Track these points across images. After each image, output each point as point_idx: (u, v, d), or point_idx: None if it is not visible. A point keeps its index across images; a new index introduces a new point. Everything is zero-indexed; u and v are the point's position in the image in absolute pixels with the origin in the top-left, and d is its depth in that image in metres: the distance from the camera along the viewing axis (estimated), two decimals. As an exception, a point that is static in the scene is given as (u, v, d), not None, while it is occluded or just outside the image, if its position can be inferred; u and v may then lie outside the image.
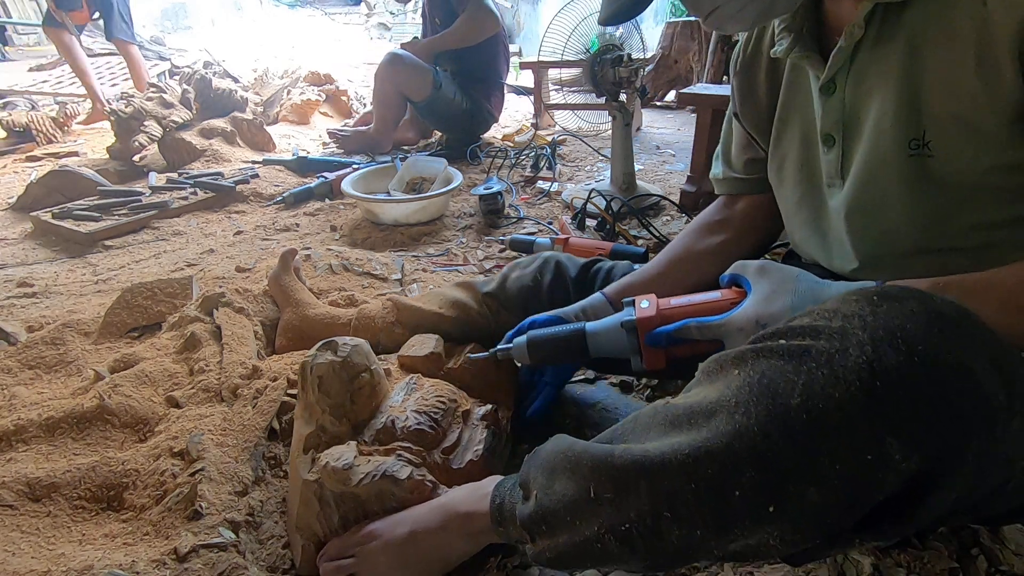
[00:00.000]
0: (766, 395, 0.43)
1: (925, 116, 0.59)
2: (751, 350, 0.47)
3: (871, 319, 0.43)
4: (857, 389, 0.40)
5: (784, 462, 0.42)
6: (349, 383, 0.75)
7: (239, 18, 7.20)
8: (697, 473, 0.44)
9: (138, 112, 2.44)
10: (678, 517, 0.45)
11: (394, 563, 0.65)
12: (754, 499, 0.43)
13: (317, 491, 0.69)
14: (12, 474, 0.80)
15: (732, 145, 0.89)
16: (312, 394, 0.75)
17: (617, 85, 1.87)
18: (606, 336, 0.73)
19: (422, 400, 0.80)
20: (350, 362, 0.76)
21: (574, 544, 0.52)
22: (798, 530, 0.43)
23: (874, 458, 0.40)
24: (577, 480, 0.52)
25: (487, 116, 2.67)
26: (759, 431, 0.42)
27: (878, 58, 0.62)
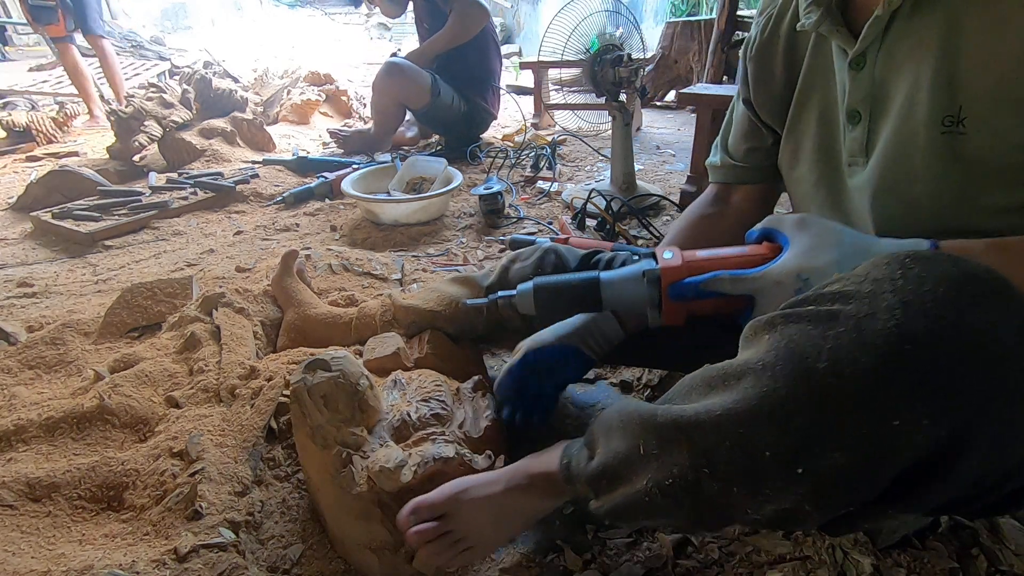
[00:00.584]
0: (793, 359, 0.44)
1: (963, 92, 0.57)
2: (781, 315, 0.47)
3: (901, 283, 0.43)
4: (884, 354, 0.41)
5: (810, 425, 0.42)
6: (354, 394, 0.75)
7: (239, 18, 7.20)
8: (729, 432, 0.46)
9: (138, 112, 2.44)
10: (715, 473, 0.47)
11: (490, 517, 0.67)
12: (782, 460, 0.44)
13: (374, 499, 0.70)
14: (12, 474, 0.80)
15: (733, 133, 0.87)
16: (319, 416, 0.74)
17: (617, 85, 1.87)
18: (623, 286, 0.67)
19: (421, 390, 0.82)
20: (348, 372, 0.76)
21: (626, 497, 0.55)
22: (826, 494, 0.44)
23: (902, 423, 0.40)
24: (628, 437, 0.55)
25: (485, 115, 2.67)
26: (786, 394, 0.43)
27: (914, 31, 0.60)
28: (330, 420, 0.74)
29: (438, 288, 1.03)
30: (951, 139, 0.59)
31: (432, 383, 0.85)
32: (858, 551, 0.69)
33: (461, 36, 2.44)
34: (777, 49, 0.77)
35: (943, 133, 0.59)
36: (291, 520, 0.81)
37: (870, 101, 0.65)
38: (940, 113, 0.58)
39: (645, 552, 0.72)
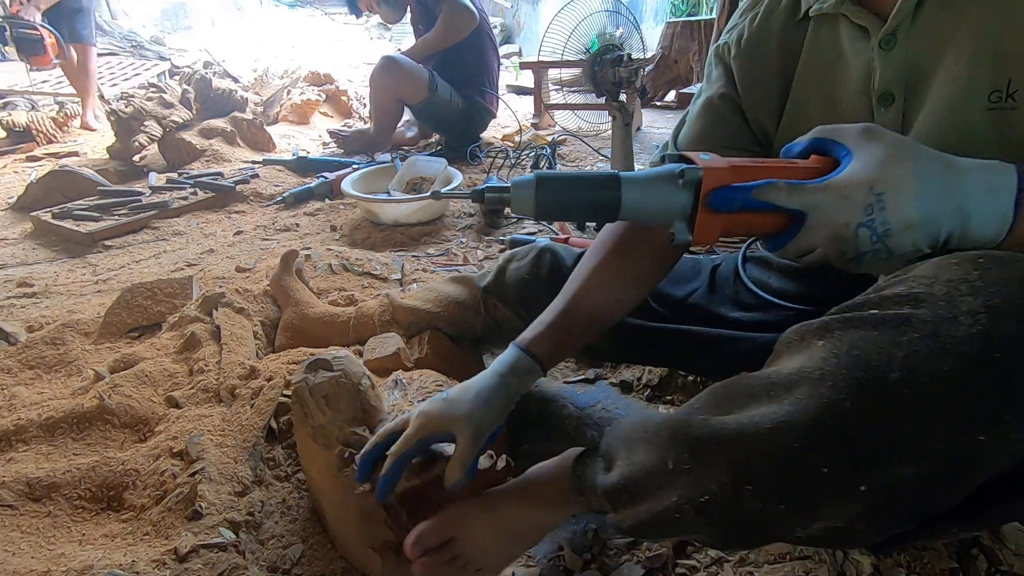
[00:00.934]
0: (858, 368, 0.40)
1: (1012, 63, 0.53)
2: (837, 320, 0.43)
3: (981, 284, 0.39)
4: (969, 361, 0.37)
5: (879, 438, 0.39)
6: (356, 394, 0.76)
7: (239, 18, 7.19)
8: (779, 446, 0.42)
9: (138, 112, 2.45)
10: (759, 491, 0.44)
11: (499, 538, 0.65)
12: (842, 476, 0.41)
13: None
14: (12, 474, 0.80)
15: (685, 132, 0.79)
16: (321, 416, 0.74)
17: (617, 85, 1.87)
18: (651, 188, 0.52)
19: (422, 390, 0.83)
20: (350, 371, 0.76)
21: (654, 514, 0.52)
22: (888, 512, 0.41)
23: (987, 436, 0.37)
24: (655, 450, 0.52)
25: (484, 113, 2.66)
26: (851, 406, 0.40)
27: (950, 3, 0.56)
28: (332, 420, 0.74)
29: (436, 288, 1.03)
30: (1000, 115, 0.54)
31: (433, 383, 0.85)
32: (858, 551, 0.69)
33: (449, 38, 2.44)
34: (770, 47, 0.72)
35: (990, 109, 0.54)
36: (291, 520, 0.81)
37: (904, 81, 0.60)
38: (987, 88, 0.54)
39: (645, 552, 0.72)
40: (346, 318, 1.07)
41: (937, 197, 0.46)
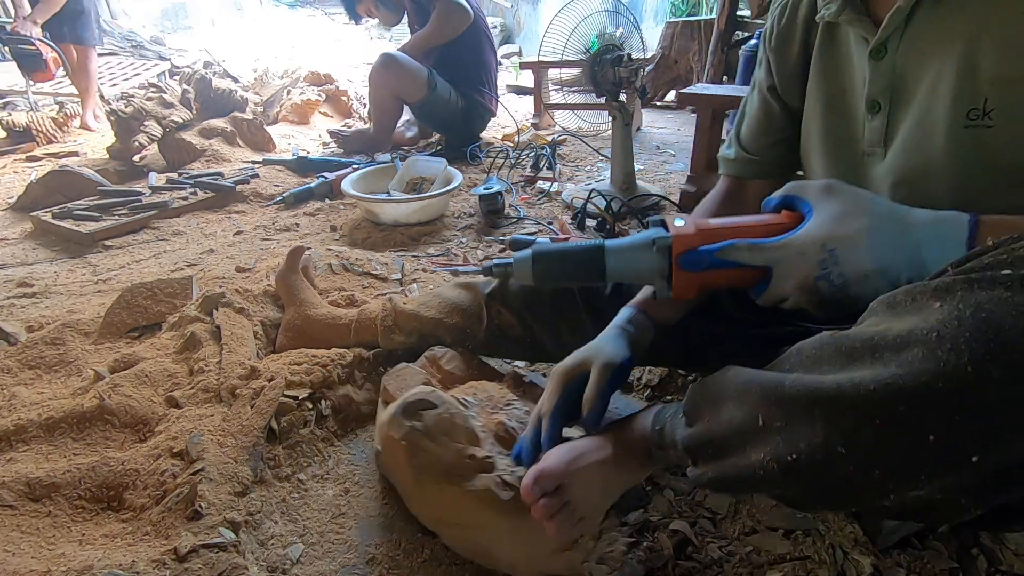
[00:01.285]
0: (984, 330, 0.38)
1: (987, 81, 0.54)
2: (962, 280, 0.41)
3: None
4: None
5: (1004, 408, 0.37)
6: (464, 419, 0.76)
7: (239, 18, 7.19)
8: (884, 410, 0.40)
9: (138, 112, 2.44)
10: (854, 454, 0.42)
11: (599, 486, 0.67)
12: (955, 445, 0.38)
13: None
14: (12, 474, 0.80)
15: (748, 126, 0.85)
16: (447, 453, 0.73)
17: (617, 85, 1.87)
18: (630, 254, 0.62)
19: (491, 400, 0.83)
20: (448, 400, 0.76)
21: (737, 469, 0.51)
22: (997, 486, 0.39)
23: None
24: (745, 407, 0.51)
25: (483, 112, 2.66)
26: (974, 371, 0.37)
27: (938, 21, 0.58)
28: (459, 454, 0.72)
29: (440, 293, 1.03)
30: (977, 132, 0.56)
31: (494, 389, 0.86)
32: (858, 551, 0.69)
33: (442, 34, 2.45)
34: (795, 37, 0.75)
35: (967, 127, 0.56)
36: (291, 520, 0.81)
37: (890, 91, 0.63)
38: (965, 105, 0.56)
39: (645, 552, 0.72)
40: (348, 320, 1.07)
41: (889, 249, 0.50)
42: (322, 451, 0.93)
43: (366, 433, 0.98)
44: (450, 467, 0.72)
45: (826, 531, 0.71)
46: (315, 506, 0.84)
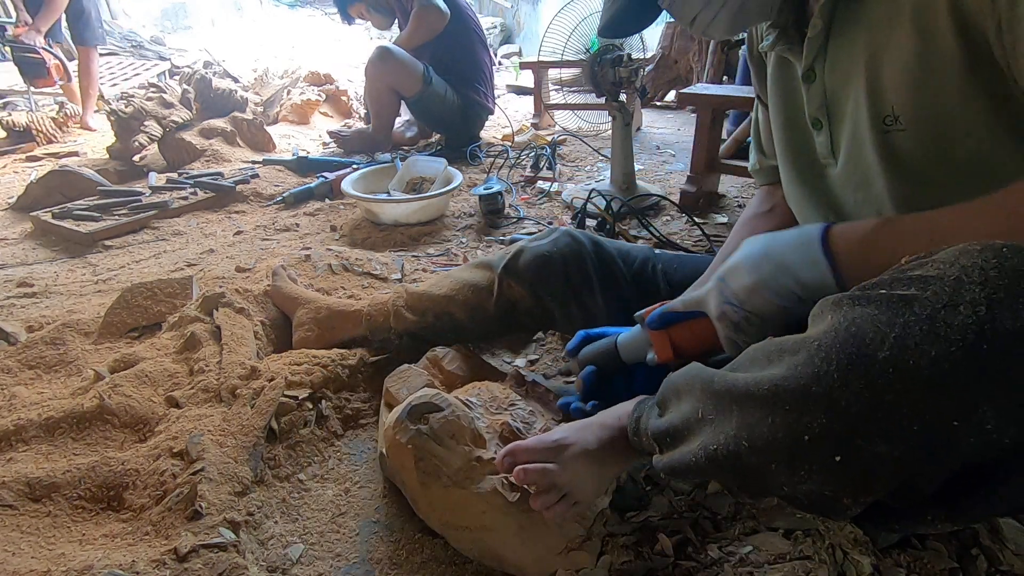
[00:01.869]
0: (852, 343, 0.42)
1: (890, 91, 0.60)
2: (849, 296, 0.45)
3: (994, 274, 0.39)
4: (959, 349, 0.38)
5: (858, 413, 0.41)
6: (470, 420, 0.76)
7: (239, 18, 7.19)
8: (774, 408, 0.45)
9: (138, 112, 2.44)
10: (754, 447, 0.47)
11: (590, 467, 0.69)
12: (821, 445, 0.43)
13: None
14: (12, 474, 0.80)
15: (762, 133, 0.89)
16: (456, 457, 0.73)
17: (617, 85, 1.87)
18: (630, 341, 0.79)
19: (495, 399, 0.84)
20: (452, 402, 0.76)
21: (682, 455, 0.56)
22: (864, 486, 0.43)
23: (960, 424, 0.38)
24: (693, 400, 0.56)
25: (480, 110, 2.66)
26: (838, 378, 0.42)
27: (845, 44, 0.64)
28: (467, 456, 0.73)
29: (453, 275, 1.04)
30: (893, 137, 0.61)
31: (497, 389, 0.86)
32: (858, 551, 0.69)
33: (419, 35, 2.46)
34: (762, 59, 0.82)
35: (886, 132, 0.61)
36: (291, 520, 0.81)
37: (825, 109, 0.69)
38: (880, 113, 0.61)
39: (646, 552, 0.72)
40: (359, 308, 1.08)
41: (758, 263, 0.60)
42: (322, 451, 0.93)
43: (366, 433, 0.98)
44: (457, 470, 0.72)
45: (826, 531, 0.71)
46: (315, 506, 0.84)
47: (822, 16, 0.64)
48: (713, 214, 1.85)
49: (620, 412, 0.72)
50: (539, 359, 1.13)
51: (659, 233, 1.61)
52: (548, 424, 0.81)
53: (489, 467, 0.73)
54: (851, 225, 0.58)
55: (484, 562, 0.73)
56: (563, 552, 0.71)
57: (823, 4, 0.63)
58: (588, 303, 0.94)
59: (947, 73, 0.55)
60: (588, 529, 0.72)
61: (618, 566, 0.71)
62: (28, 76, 3.01)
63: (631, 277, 0.96)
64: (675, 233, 1.68)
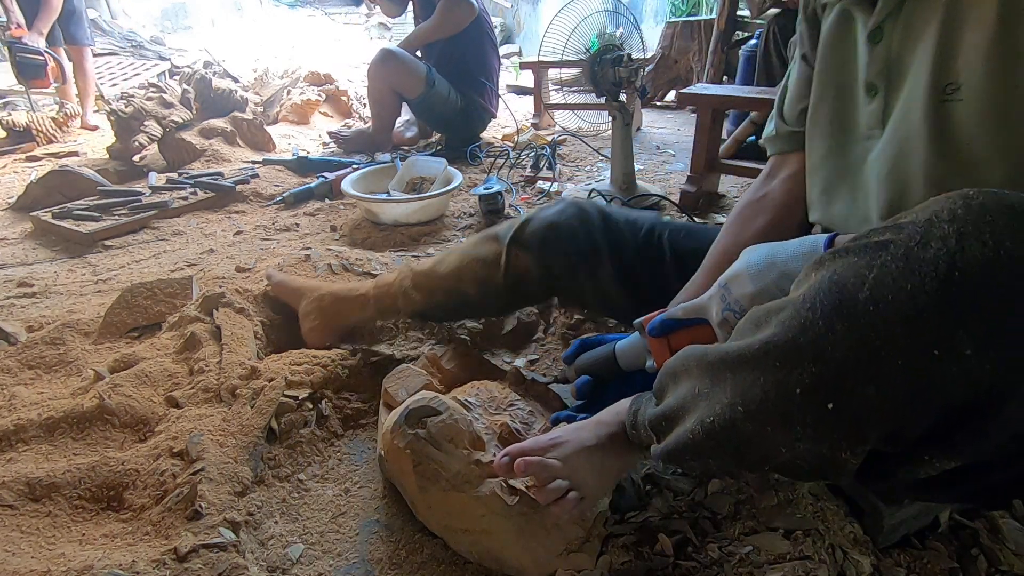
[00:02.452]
0: (834, 290, 0.43)
1: (961, 57, 0.57)
2: (831, 252, 0.46)
3: (961, 211, 0.41)
4: (932, 280, 0.39)
5: (845, 356, 0.42)
6: (468, 423, 0.76)
7: (239, 18, 7.19)
8: (765, 367, 0.46)
9: (138, 112, 2.44)
10: (748, 412, 0.47)
11: (590, 462, 0.69)
12: (813, 396, 0.43)
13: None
14: (12, 474, 0.80)
15: (789, 98, 0.85)
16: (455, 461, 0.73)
17: (617, 85, 1.87)
18: (628, 349, 0.80)
19: (494, 400, 0.84)
20: (451, 405, 0.76)
21: (677, 437, 0.56)
22: (859, 433, 0.43)
23: (941, 353, 0.39)
24: (689, 380, 0.56)
25: (483, 113, 2.66)
26: (824, 324, 0.43)
27: (925, 2, 0.60)
28: (465, 460, 0.73)
29: (457, 250, 1.02)
30: (949, 107, 0.59)
31: (496, 389, 0.86)
32: (858, 551, 0.69)
33: (446, 28, 2.44)
34: (818, 15, 0.77)
35: (943, 101, 0.59)
36: (291, 520, 0.81)
37: (886, 74, 0.65)
38: (941, 81, 0.58)
39: (646, 552, 0.72)
40: (364, 291, 1.06)
41: (763, 271, 0.60)
42: (322, 451, 0.93)
43: (366, 433, 0.98)
44: (455, 474, 0.72)
45: (826, 531, 0.71)
46: (315, 506, 0.84)
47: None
48: (713, 214, 1.85)
49: (618, 409, 0.72)
50: (539, 359, 1.13)
51: (659, 233, 1.61)
52: (547, 424, 0.81)
53: (488, 470, 0.73)
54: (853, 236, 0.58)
55: (485, 564, 0.73)
56: (563, 554, 0.71)
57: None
58: (597, 270, 0.92)
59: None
60: (588, 530, 0.72)
61: (618, 566, 0.71)
62: (25, 77, 3.02)
63: (637, 246, 0.93)
64: (675, 233, 1.68)
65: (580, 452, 0.69)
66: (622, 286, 0.90)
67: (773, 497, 0.75)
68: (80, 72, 3.29)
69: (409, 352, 1.09)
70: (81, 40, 3.23)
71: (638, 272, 0.91)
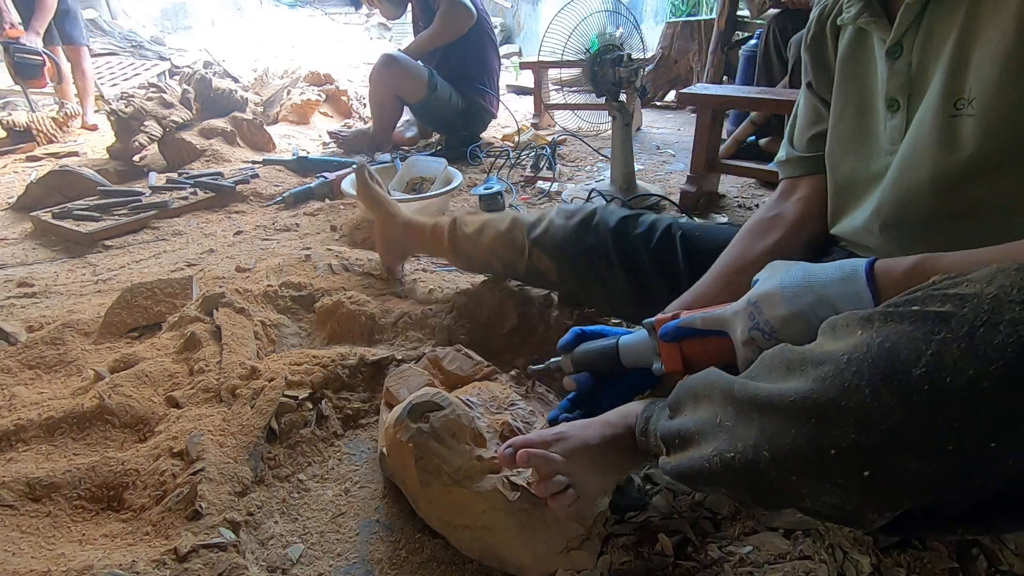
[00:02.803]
0: (885, 358, 0.41)
1: (973, 73, 0.58)
2: (880, 312, 0.45)
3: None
4: (998, 368, 0.37)
5: (890, 430, 0.40)
6: (471, 419, 0.76)
7: (239, 18, 7.19)
8: (798, 420, 0.45)
9: (138, 112, 2.44)
10: (775, 458, 0.46)
11: (592, 461, 0.69)
12: (850, 459, 0.42)
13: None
14: (12, 474, 0.80)
15: (799, 125, 0.88)
16: (456, 456, 0.73)
17: (617, 85, 1.87)
18: (634, 345, 0.79)
19: (495, 399, 0.84)
20: (453, 400, 0.76)
21: (692, 460, 0.56)
22: (891, 501, 0.42)
23: (999, 444, 0.38)
24: (712, 406, 0.56)
25: (484, 114, 2.66)
26: (869, 392, 0.41)
27: (943, 16, 0.61)
28: (467, 455, 0.73)
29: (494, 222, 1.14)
30: (958, 122, 0.59)
31: (497, 389, 0.86)
32: (858, 551, 0.69)
33: (446, 35, 2.45)
34: (827, 40, 0.79)
35: (953, 116, 0.60)
36: (291, 520, 0.81)
37: (907, 89, 0.66)
38: (953, 96, 0.59)
39: (646, 552, 0.72)
40: (423, 229, 1.24)
41: (798, 293, 0.58)
42: (322, 451, 0.93)
43: (366, 433, 0.98)
44: (457, 469, 0.72)
45: (826, 531, 0.71)
46: (315, 506, 0.84)
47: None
48: (713, 214, 1.85)
49: (627, 411, 0.72)
50: (539, 359, 1.13)
51: (659, 233, 1.61)
52: (548, 424, 0.81)
53: (490, 466, 0.73)
54: (894, 261, 0.57)
55: (484, 561, 0.73)
56: (563, 552, 0.71)
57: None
58: (609, 281, 0.99)
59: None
60: (588, 529, 0.72)
61: (618, 566, 0.71)
62: (22, 77, 3.02)
63: (651, 254, 0.96)
64: (675, 233, 1.68)
65: (583, 449, 0.69)
66: (633, 293, 0.94)
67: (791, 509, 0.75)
68: (79, 72, 3.29)
69: (409, 352, 1.09)
70: (77, 39, 3.23)
71: (650, 278, 0.95)
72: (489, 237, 1.12)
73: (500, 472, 0.72)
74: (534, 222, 1.08)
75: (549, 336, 1.17)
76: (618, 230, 0.98)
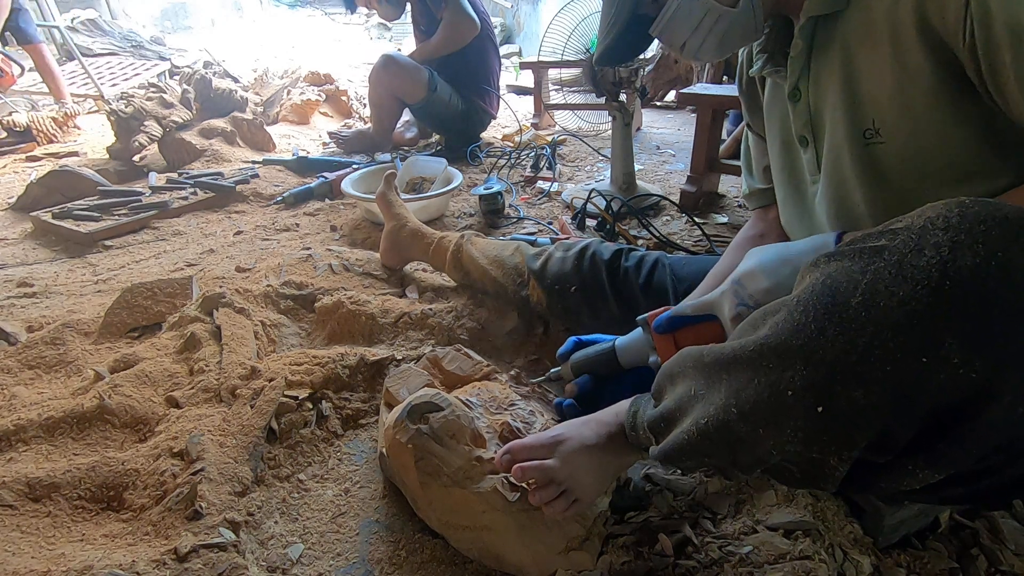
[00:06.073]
0: (827, 293, 0.44)
1: (868, 105, 0.63)
2: (825, 255, 0.47)
3: (956, 220, 0.42)
4: (923, 288, 0.40)
5: (835, 360, 0.42)
6: (470, 420, 0.76)
7: (239, 18, 7.18)
8: (759, 368, 0.46)
9: (138, 112, 2.44)
10: (742, 413, 0.48)
11: (589, 462, 0.69)
12: (803, 398, 0.44)
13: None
14: (12, 474, 0.80)
15: (751, 157, 0.93)
16: (456, 457, 0.73)
17: (617, 85, 1.87)
18: (631, 345, 0.80)
19: (495, 399, 0.84)
20: (453, 401, 0.76)
21: (675, 437, 0.57)
22: (846, 438, 0.44)
23: (929, 359, 0.40)
24: (686, 381, 0.57)
25: (483, 115, 2.66)
26: (815, 327, 0.43)
27: (824, 62, 0.68)
28: (467, 455, 0.73)
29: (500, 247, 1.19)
30: (874, 149, 0.64)
31: (497, 389, 0.86)
32: (858, 551, 0.69)
33: (450, 45, 2.46)
34: (756, 85, 0.86)
35: (867, 145, 0.64)
36: (291, 520, 0.81)
37: (810, 126, 0.72)
38: (860, 127, 0.65)
39: (646, 552, 0.72)
40: (430, 240, 1.29)
41: (777, 267, 0.63)
42: (322, 451, 0.93)
43: (366, 433, 0.98)
44: (457, 469, 0.72)
45: (826, 531, 0.71)
46: (315, 506, 0.84)
47: (802, 36, 0.68)
48: (713, 214, 1.85)
49: (618, 409, 0.72)
50: (539, 359, 1.13)
51: (659, 233, 1.61)
52: (548, 424, 0.81)
53: (489, 467, 0.73)
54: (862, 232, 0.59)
55: (484, 562, 0.73)
56: (563, 552, 0.71)
57: (803, 25, 0.67)
58: (600, 313, 1.03)
59: (919, 87, 0.58)
60: (588, 529, 0.72)
61: (618, 566, 0.71)
62: None
63: (642, 281, 1.02)
64: (675, 233, 1.68)
65: (581, 450, 0.69)
66: (623, 319, 0.96)
67: (773, 497, 0.75)
68: (45, 71, 3.24)
69: (409, 352, 1.09)
70: (33, 36, 3.17)
71: (640, 304, 0.98)
72: (490, 257, 1.17)
73: (499, 471, 0.72)
74: (535, 253, 1.14)
75: (549, 336, 1.17)
76: (611, 261, 1.05)
